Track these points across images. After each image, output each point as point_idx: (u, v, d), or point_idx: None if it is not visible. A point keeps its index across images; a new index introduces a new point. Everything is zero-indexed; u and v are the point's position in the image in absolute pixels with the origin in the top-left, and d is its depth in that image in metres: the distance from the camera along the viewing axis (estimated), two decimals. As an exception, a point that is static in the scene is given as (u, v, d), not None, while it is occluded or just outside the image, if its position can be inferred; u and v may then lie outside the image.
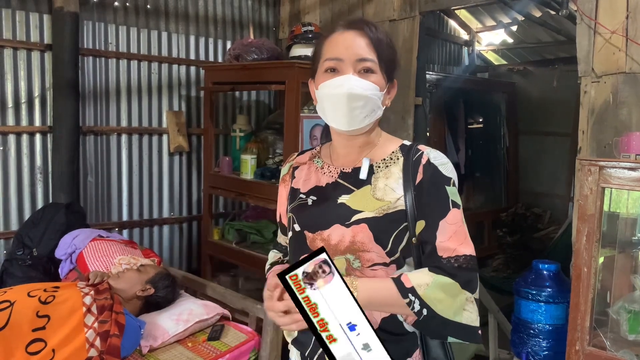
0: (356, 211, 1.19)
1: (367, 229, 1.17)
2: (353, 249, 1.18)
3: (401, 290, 1.09)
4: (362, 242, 1.17)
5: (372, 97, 1.19)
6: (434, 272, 1.12)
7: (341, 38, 1.21)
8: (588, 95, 2.53)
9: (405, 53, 3.39)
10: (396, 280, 1.11)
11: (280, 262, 1.43)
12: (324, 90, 1.21)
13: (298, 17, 4.17)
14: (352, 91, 1.17)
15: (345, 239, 1.18)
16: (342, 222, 1.19)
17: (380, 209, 1.18)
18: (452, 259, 1.14)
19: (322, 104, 1.23)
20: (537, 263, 2.79)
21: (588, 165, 2.04)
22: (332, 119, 1.23)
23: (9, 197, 3.22)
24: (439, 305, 1.09)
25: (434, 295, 1.09)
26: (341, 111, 1.19)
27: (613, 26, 2.42)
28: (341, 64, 1.19)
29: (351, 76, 1.18)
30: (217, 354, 2.35)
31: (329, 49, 1.22)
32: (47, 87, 3.27)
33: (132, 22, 3.63)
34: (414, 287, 1.09)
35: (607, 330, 2.13)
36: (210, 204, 3.76)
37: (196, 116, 4.01)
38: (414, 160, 1.21)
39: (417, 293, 1.09)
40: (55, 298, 2.15)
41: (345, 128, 1.21)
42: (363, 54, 1.19)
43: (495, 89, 5.70)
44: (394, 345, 1.17)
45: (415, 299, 1.09)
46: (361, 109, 1.18)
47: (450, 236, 1.15)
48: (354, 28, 1.22)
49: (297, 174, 1.35)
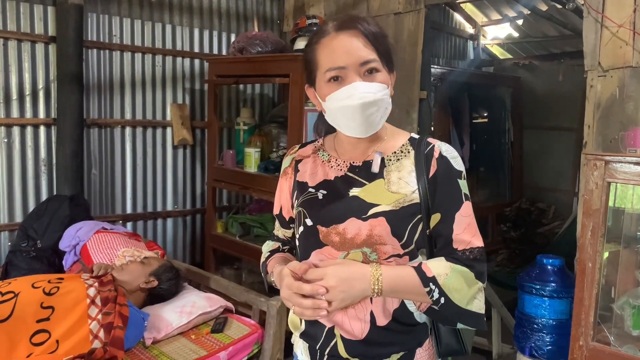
0: (372, 204, 1.19)
1: (384, 222, 1.17)
2: (370, 242, 1.17)
3: (423, 279, 1.12)
4: (379, 235, 1.17)
5: (383, 98, 1.17)
6: (452, 263, 1.15)
7: (337, 43, 1.15)
8: (594, 89, 2.51)
9: (410, 46, 3.37)
10: (417, 269, 1.13)
11: (280, 251, 1.41)
12: (334, 103, 1.17)
13: (302, 9, 4.15)
14: (365, 100, 1.14)
15: (362, 233, 1.18)
16: (358, 216, 1.18)
17: (397, 202, 1.18)
18: (467, 251, 1.17)
19: (334, 116, 1.20)
20: (541, 258, 2.78)
21: (594, 159, 2.03)
22: (347, 129, 1.20)
23: (14, 189, 3.22)
24: (456, 294, 1.13)
25: (452, 285, 1.13)
26: (357, 121, 1.16)
27: (620, 20, 2.40)
28: (345, 71, 1.15)
29: (359, 83, 1.14)
30: (220, 346, 2.35)
31: (326, 56, 1.16)
32: (52, 79, 3.27)
33: (137, 15, 3.62)
34: (435, 276, 1.13)
35: (611, 325, 2.12)
36: (214, 197, 3.76)
37: (200, 109, 4.01)
38: (426, 153, 1.21)
39: (437, 282, 1.12)
40: (60, 289, 2.16)
41: (364, 135, 1.20)
42: (365, 56, 1.14)
43: (501, 83, 5.67)
44: (405, 336, 1.22)
45: (435, 288, 1.12)
46: (376, 113, 1.17)
47: (465, 228, 1.18)
48: (346, 28, 1.16)
49: (302, 168, 1.33)
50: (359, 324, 1.19)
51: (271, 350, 2.43)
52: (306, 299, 1.10)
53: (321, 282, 1.10)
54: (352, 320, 1.20)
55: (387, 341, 1.20)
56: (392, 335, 1.20)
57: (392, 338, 1.20)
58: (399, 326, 1.20)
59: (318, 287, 1.09)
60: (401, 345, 1.21)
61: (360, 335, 1.19)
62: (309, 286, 1.10)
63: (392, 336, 1.20)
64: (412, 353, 1.22)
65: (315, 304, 1.09)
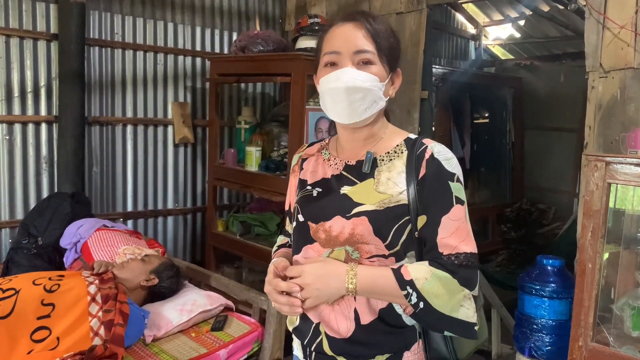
0: (357, 204, 1.20)
1: (366, 222, 1.17)
2: (352, 240, 1.18)
3: (400, 282, 1.12)
4: (361, 234, 1.17)
5: (371, 89, 1.18)
6: (433, 267, 1.13)
7: (338, 31, 1.21)
8: (595, 90, 2.51)
9: (411, 46, 3.38)
10: (395, 271, 1.13)
11: (288, 246, 1.46)
12: (324, 85, 1.22)
13: (304, 9, 4.15)
14: (350, 84, 1.17)
15: (345, 231, 1.19)
16: (342, 214, 1.20)
17: (382, 202, 1.18)
18: (452, 256, 1.14)
19: (324, 98, 1.24)
20: (541, 258, 2.78)
21: (594, 160, 2.03)
22: (332, 113, 1.24)
23: (15, 186, 3.23)
24: (435, 300, 1.11)
25: (431, 290, 1.11)
26: (341, 104, 1.19)
27: (622, 21, 2.40)
28: (339, 57, 1.20)
29: (348, 69, 1.18)
30: (220, 344, 2.36)
31: (327, 43, 1.23)
32: (53, 76, 3.27)
33: (139, 13, 3.63)
34: (413, 280, 1.11)
35: (611, 326, 2.12)
36: (214, 195, 3.76)
37: (201, 108, 4.01)
38: (418, 154, 1.20)
39: (415, 286, 1.11)
40: (60, 287, 2.16)
41: (346, 121, 1.22)
42: (360, 46, 1.18)
43: (502, 84, 5.66)
44: (392, 337, 1.20)
45: (413, 292, 1.11)
46: (361, 101, 1.18)
47: (452, 232, 1.15)
48: (351, 20, 1.21)
49: (305, 166, 1.36)
50: (344, 322, 1.20)
51: (271, 348, 2.44)
52: (282, 295, 1.16)
53: (298, 279, 1.15)
54: (338, 318, 1.20)
55: (373, 341, 1.19)
56: (377, 335, 1.19)
57: (377, 338, 1.19)
58: (384, 326, 1.19)
59: (293, 284, 1.15)
60: (387, 347, 1.20)
61: (346, 333, 1.20)
62: (285, 283, 1.16)
63: (378, 336, 1.19)
64: (399, 356, 1.21)
65: (290, 301, 1.14)
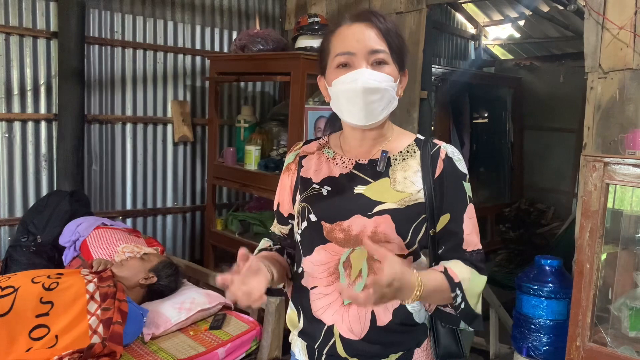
0: (377, 202, 1.19)
1: (389, 220, 1.17)
2: (375, 239, 1.17)
3: (451, 285, 1.13)
4: (384, 232, 1.17)
5: (387, 89, 1.18)
6: (469, 266, 1.17)
7: (350, 31, 1.19)
8: (594, 91, 2.52)
9: (411, 46, 3.38)
10: (445, 274, 1.14)
11: (269, 249, 1.38)
12: (339, 86, 1.19)
13: (304, 8, 4.15)
14: (368, 85, 1.15)
15: (367, 229, 1.18)
16: (363, 213, 1.19)
17: (402, 201, 1.19)
18: (474, 252, 1.20)
19: (338, 100, 1.21)
20: (539, 258, 2.79)
21: (593, 161, 2.03)
22: (348, 115, 1.21)
23: (14, 183, 3.23)
24: (473, 299, 1.16)
25: (472, 290, 1.16)
26: (358, 106, 1.17)
27: (621, 22, 2.41)
28: (353, 58, 1.17)
29: (365, 70, 1.16)
30: (218, 342, 2.36)
31: (338, 43, 1.20)
32: (53, 74, 3.27)
33: (139, 11, 3.63)
34: (461, 281, 1.14)
35: (608, 326, 2.13)
36: (214, 194, 3.77)
37: (201, 106, 4.01)
38: (432, 154, 1.22)
39: (462, 287, 1.14)
40: (59, 285, 2.16)
41: (363, 123, 1.20)
42: (375, 46, 1.17)
43: (502, 84, 5.67)
44: (404, 336, 1.22)
45: (460, 293, 1.14)
46: (378, 102, 1.17)
47: (472, 230, 1.21)
48: (361, 20, 1.19)
49: (306, 164, 1.32)
50: (358, 324, 1.20)
51: (269, 347, 2.44)
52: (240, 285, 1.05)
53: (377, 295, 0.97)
54: (352, 320, 1.20)
55: (386, 341, 1.20)
56: (391, 335, 1.20)
57: (391, 338, 1.20)
58: (398, 326, 1.20)
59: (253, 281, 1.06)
60: (400, 345, 1.22)
61: (360, 334, 1.20)
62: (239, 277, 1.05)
63: (391, 336, 1.20)
64: (410, 353, 1.22)
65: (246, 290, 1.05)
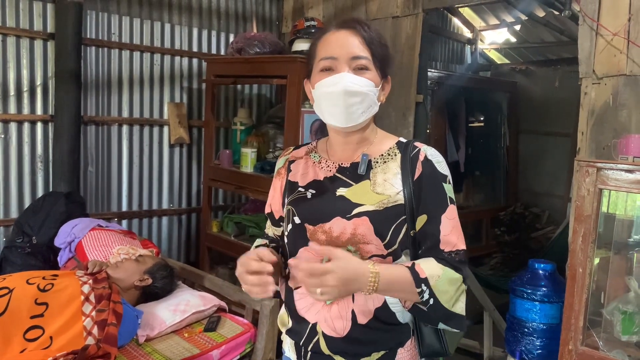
0: (357, 204, 1.22)
1: (367, 222, 1.20)
2: (354, 240, 1.21)
3: (416, 280, 1.15)
4: (362, 234, 1.20)
5: (368, 93, 1.22)
6: (442, 265, 1.18)
7: (334, 37, 1.24)
8: (588, 96, 2.53)
9: (407, 50, 3.40)
10: (411, 269, 1.16)
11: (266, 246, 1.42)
12: (321, 89, 1.24)
13: (301, 11, 4.16)
14: (349, 88, 1.20)
15: (347, 231, 1.21)
16: (343, 215, 1.22)
17: (381, 203, 1.21)
18: (453, 252, 1.20)
19: (319, 102, 1.26)
20: (533, 262, 2.80)
21: (586, 166, 2.05)
22: (329, 117, 1.25)
23: (10, 185, 3.23)
24: (443, 296, 1.16)
25: (442, 287, 1.16)
26: (339, 108, 1.21)
27: (615, 28, 2.43)
28: (336, 62, 1.22)
29: (346, 74, 1.21)
30: (213, 344, 2.36)
31: (322, 49, 1.25)
32: (50, 76, 3.27)
33: (136, 13, 3.63)
34: (427, 277, 1.15)
35: (601, 330, 2.14)
36: (209, 196, 3.77)
37: (197, 108, 4.02)
38: (412, 156, 1.25)
39: (429, 284, 1.15)
40: (54, 286, 2.16)
41: (343, 125, 1.24)
42: (357, 52, 1.22)
43: (497, 88, 5.70)
44: (386, 335, 1.24)
45: (427, 289, 1.15)
46: (358, 105, 1.22)
47: (451, 231, 1.22)
48: (346, 27, 1.24)
49: (294, 168, 1.37)
50: (340, 322, 1.22)
51: (263, 349, 2.44)
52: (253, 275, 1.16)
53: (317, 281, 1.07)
54: (334, 318, 1.23)
55: (368, 339, 1.23)
56: (373, 333, 1.23)
57: (373, 336, 1.23)
58: (380, 325, 1.23)
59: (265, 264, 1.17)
60: (382, 344, 1.24)
61: (342, 332, 1.22)
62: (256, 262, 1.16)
63: (373, 334, 1.23)
64: (393, 352, 1.25)
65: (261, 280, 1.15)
